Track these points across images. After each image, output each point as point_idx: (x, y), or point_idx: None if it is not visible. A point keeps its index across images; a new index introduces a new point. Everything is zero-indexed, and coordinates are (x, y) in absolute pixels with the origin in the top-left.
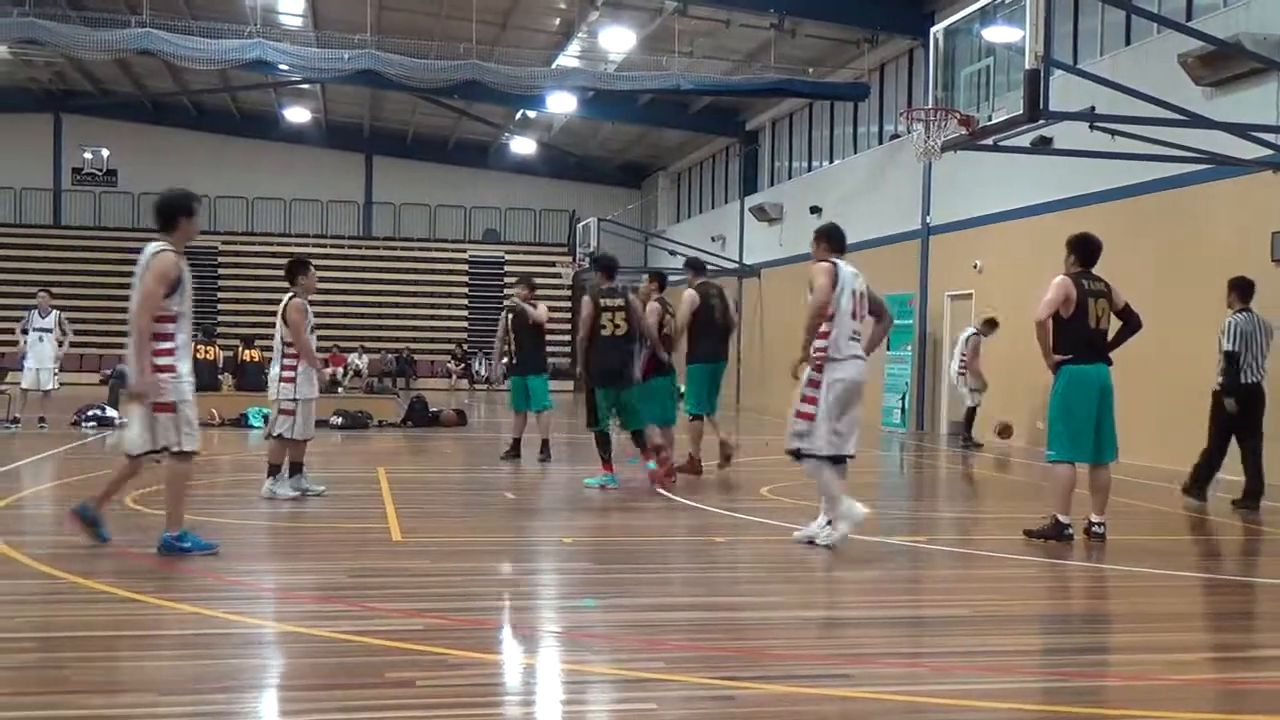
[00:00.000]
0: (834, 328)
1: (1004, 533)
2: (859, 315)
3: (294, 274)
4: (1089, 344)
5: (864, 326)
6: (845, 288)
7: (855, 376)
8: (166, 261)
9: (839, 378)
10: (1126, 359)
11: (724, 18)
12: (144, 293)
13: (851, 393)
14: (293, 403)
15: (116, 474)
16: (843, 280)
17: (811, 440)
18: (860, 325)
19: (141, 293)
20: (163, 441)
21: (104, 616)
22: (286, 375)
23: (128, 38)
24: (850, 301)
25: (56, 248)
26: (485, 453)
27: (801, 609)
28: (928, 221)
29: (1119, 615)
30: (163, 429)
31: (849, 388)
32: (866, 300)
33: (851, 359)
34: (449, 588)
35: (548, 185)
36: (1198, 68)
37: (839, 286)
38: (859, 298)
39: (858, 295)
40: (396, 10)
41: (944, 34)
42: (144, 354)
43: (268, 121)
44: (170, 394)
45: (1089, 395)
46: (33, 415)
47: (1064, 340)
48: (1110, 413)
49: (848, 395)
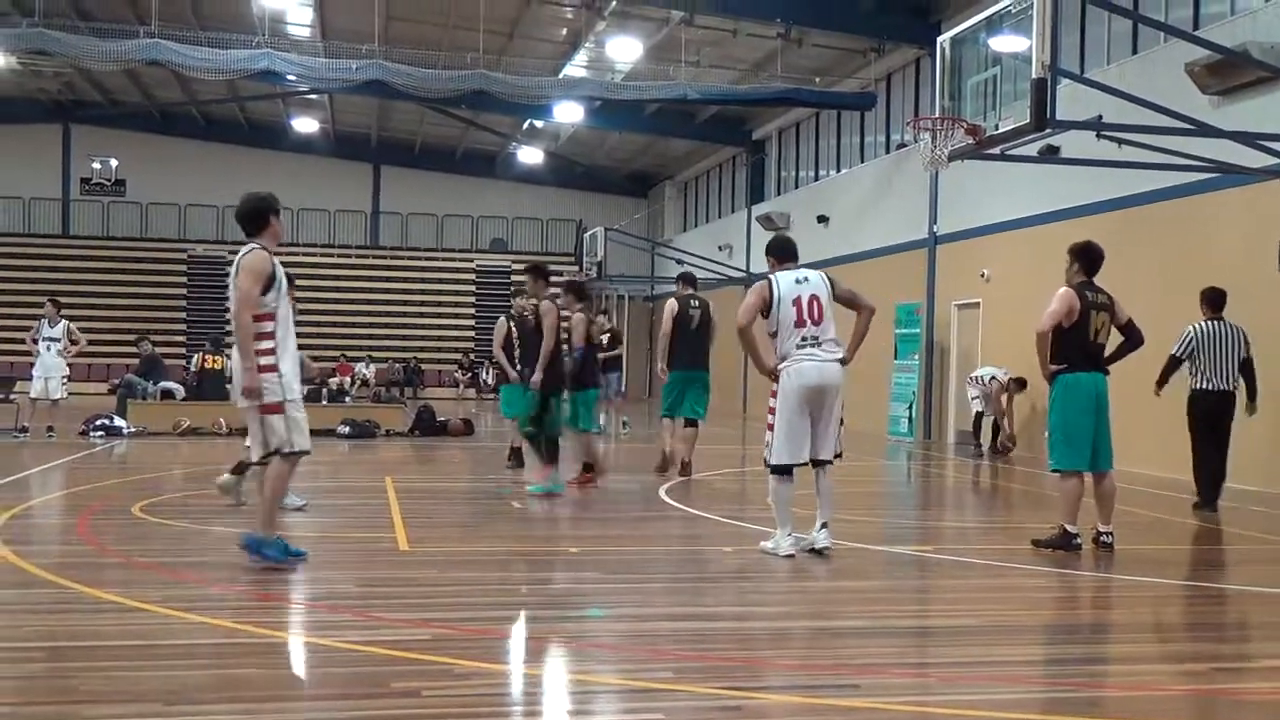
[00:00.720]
0: (779, 339)
1: (1011, 542)
2: (810, 319)
3: None
4: (1087, 355)
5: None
6: (783, 299)
7: (813, 380)
8: (260, 258)
9: (789, 384)
10: (1134, 369)
11: (731, 28)
12: (241, 292)
13: (810, 395)
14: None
15: (268, 492)
16: (779, 293)
17: (770, 450)
18: (817, 328)
19: (239, 293)
20: (275, 443)
21: (111, 626)
22: None
23: (136, 48)
24: (791, 310)
25: (65, 257)
26: (492, 462)
27: (809, 619)
28: (935, 231)
29: (1126, 625)
30: (272, 430)
31: (804, 391)
32: (822, 300)
33: (806, 362)
34: (456, 597)
35: (555, 195)
36: (1205, 76)
37: (774, 299)
38: (807, 301)
39: (805, 300)
40: (404, 20)
41: (950, 43)
42: (248, 353)
43: (275, 131)
44: (278, 393)
45: (1086, 402)
46: (41, 424)
47: (1062, 350)
48: (1106, 421)
49: (805, 398)
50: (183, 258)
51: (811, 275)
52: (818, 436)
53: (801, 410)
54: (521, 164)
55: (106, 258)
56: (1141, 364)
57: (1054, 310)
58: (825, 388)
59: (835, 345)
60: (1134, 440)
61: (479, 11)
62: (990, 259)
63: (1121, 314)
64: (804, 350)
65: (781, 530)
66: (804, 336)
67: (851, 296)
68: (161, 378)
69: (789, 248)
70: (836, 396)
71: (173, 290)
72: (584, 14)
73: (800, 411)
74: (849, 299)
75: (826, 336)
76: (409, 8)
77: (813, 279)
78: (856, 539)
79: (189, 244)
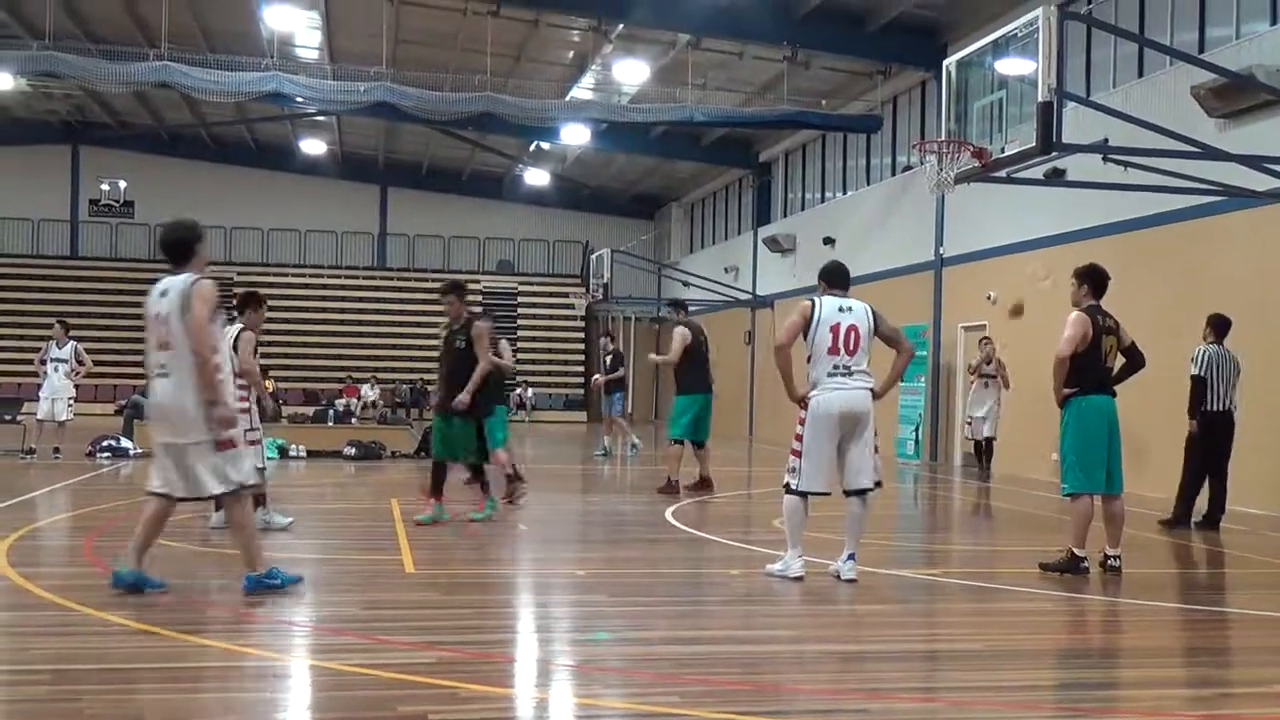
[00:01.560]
0: (811, 364)
1: (1019, 566)
2: (844, 349)
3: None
4: (1098, 378)
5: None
6: (823, 322)
7: (838, 408)
8: (211, 287)
9: (817, 412)
10: (1141, 391)
11: (737, 50)
12: (198, 323)
13: (834, 424)
14: (257, 432)
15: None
16: (820, 315)
17: (796, 476)
18: (850, 358)
19: (197, 322)
20: (237, 478)
21: (118, 649)
22: (243, 406)
23: (146, 70)
24: (828, 336)
25: (73, 279)
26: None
27: (817, 643)
28: (941, 253)
29: (1135, 650)
30: (233, 464)
31: (831, 419)
32: (861, 332)
33: (834, 391)
34: (462, 620)
35: (561, 216)
36: (1210, 100)
37: (814, 321)
38: (845, 330)
39: (842, 328)
40: (412, 43)
41: (956, 66)
42: (214, 385)
43: (283, 153)
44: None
45: (1100, 425)
46: (48, 445)
47: (1074, 374)
48: (1118, 444)
49: (830, 426)
50: None
51: (856, 306)
52: (851, 465)
53: (830, 438)
54: (528, 186)
55: (115, 279)
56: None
57: (1070, 335)
58: (855, 414)
59: (866, 376)
60: (1146, 464)
61: (486, 34)
62: (996, 281)
63: (1126, 336)
64: (834, 379)
65: (792, 551)
66: (836, 365)
67: (895, 336)
68: None
69: (840, 274)
70: (868, 424)
71: None
72: (591, 37)
73: (829, 440)
74: (892, 338)
75: (858, 368)
76: (417, 30)
77: (856, 310)
78: (864, 562)
79: None
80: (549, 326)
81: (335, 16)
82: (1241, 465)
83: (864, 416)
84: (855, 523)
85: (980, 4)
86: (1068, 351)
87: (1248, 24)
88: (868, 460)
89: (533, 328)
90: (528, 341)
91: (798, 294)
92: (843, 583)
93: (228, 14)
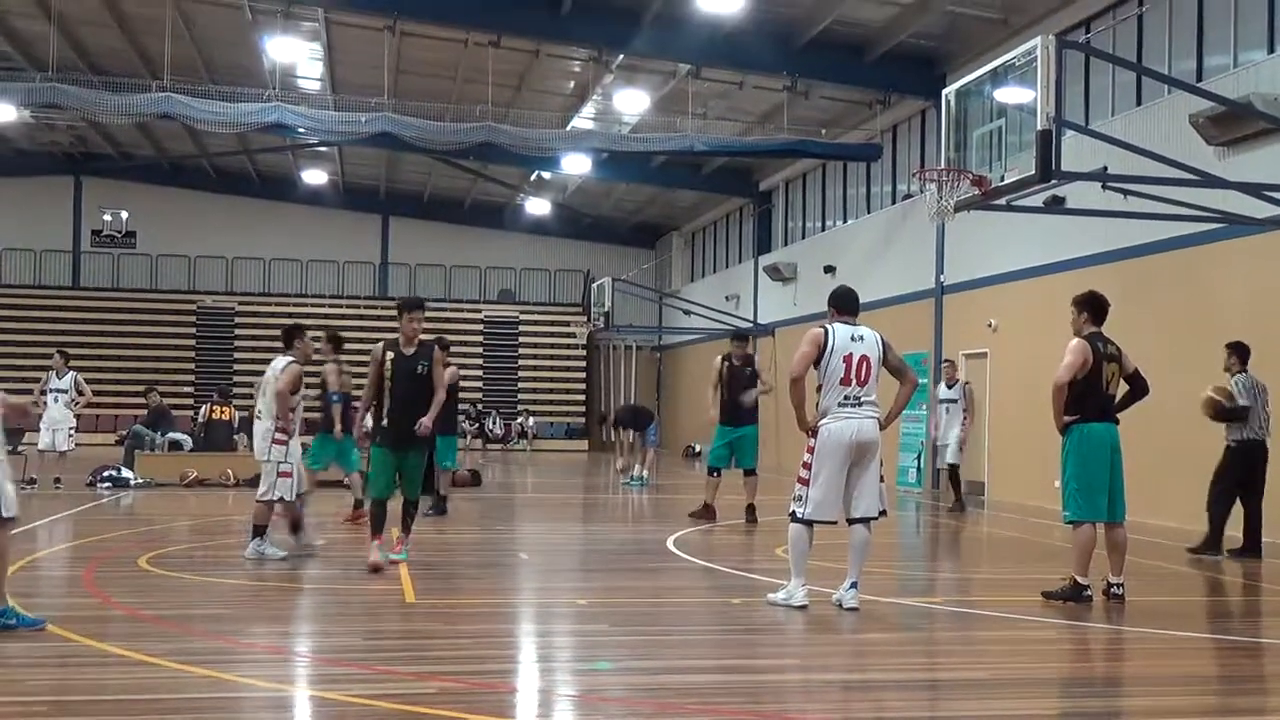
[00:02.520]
0: (822, 393)
1: (1021, 594)
2: (855, 379)
3: (290, 338)
4: (1100, 406)
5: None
6: (836, 352)
7: (848, 439)
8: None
9: (827, 441)
10: (1143, 419)
11: (737, 80)
12: None
13: (844, 454)
14: (290, 465)
15: None
16: (833, 344)
17: (802, 504)
18: (861, 389)
19: None
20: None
21: (117, 680)
22: (279, 438)
23: (148, 102)
24: (841, 366)
25: (75, 309)
26: (499, 514)
27: (820, 672)
28: (941, 281)
29: (1138, 679)
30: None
31: (840, 449)
32: (872, 362)
33: (844, 420)
34: (463, 650)
35: (562, 246)
36: (1209, 128)
37: (827, 350)
38: (857, 361)
39: (855, 358)
40: (413, 74)
41: (955, 95)
42: None
43: (285, 183)
44: None
45: (1101, 453)
46: (49, 476)
47: (1076, 401)
48: (1120, 472)
49: (840, 456)
50: (192, 309)
51: (867, 335)
52: (856, 494)
53: (839, 468)
54: (529, 215)
55: (116, 309)
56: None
57: (1070, 363)
58: (864, 445)
59: (875, 407)
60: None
61: (487, 65)
62: (997, 309)
63: (1129, 364)
64: (844, 409)
65: (796, 580)
66: (847, 395)
67: (901, 367)
68: (169, 429)
69: (851, 300)
70: (874, 454)
71: (182, 342)
72: (591, 67)
73: (838, 469)
74: (898, 369)
75: (868, 399)
76: (418, 61)
77: (868, 339)
78: (867, 591)
79: (198, 295)
80: (551, 355)
81: (337, 48)
82: None
83: (872, 447)
84: (858, 551)
85: (978, 34)
86: (1066, 378)
87: (1245, 53)
88: (873, 489)
89: (534, 357)
90: (529, 370)
91: (799, 322)
92: (845, 611)
93: (230, 46)
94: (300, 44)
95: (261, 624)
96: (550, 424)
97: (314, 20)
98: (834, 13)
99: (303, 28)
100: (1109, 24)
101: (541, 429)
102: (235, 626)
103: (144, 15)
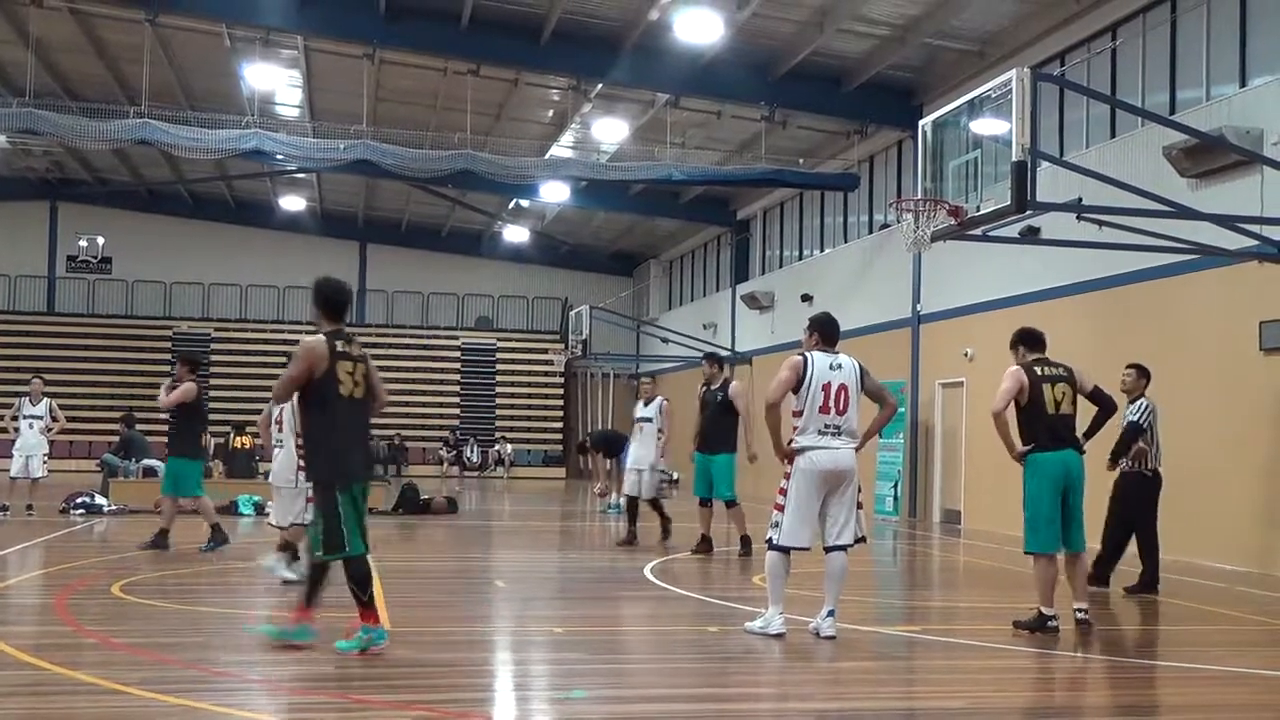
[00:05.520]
0: (800, 421)
1: (995, 623)
2: (835, 408)
3: None
4: (1050, 431)
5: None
6: (815, 380)
7: (825, 466)
8: None
9: (804, 469)
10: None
11: (715, 110)
12: None
13: (821, 482)
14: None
15: None
16: (812, 372)
17: (778, 531)
18: (840, 418)
19: None
20: None
21: (89, 709)
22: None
23: (126, 128)
24: (820, 395)
25: (49, 334)
26: (476, 541)
27: (798, 700)
28: (918, 310)
29: (1105, 708)
30: None
31: (816, 477)
32: (850, 391)
33: (821, 449)
34: (439, 679)
35: (540, 273)
36: (1182, 160)
37: (806, 379)
38: (835, 389)
39: (834, 387)
40: (392, 101)
41: (932, 127)
42: None
43: (263, 210)
44: None
45: (1053, 483)
46: (21, 502)
47: (1025, 429)
48: (1079, 501)
49: (818, 484)
50: (168, 335)
51: (846, 363)
52: (833, 522)
53: (815, 495)
54: (507, 243)
55: (91, 335)
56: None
57: (1005, 389)
58: (840, 473)
59: (853, 437)
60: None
61: (466, 93)
62: (973, 338)
63: (1086, 382)
64: (823, 438)
65: (774, 608)
66: (826, 424)
67: (879, 392)
68: (143, 456)
69: (833, 328)
70: (852, 482)
71: (157, 368)
72: (570, 96)
73: (814, 496)
74: (876, 394)
75: (847, 428)
76: (397, 89)
77: (846, 367)
78: (844, 619)
79: (174, 321)
80: (528, 383)
81: (316, 75)
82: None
83: (849, 475)
84: (835, 579)
85: (955, 66)
86: (1000, 405)
87: (1217, 86)
88: (850, 517)
89: (512, 384)
90: (507, 398)
91: (777, 350)
92: (822, 640)
93: (208, 72)
94: (279, 71)
95: (234, 651)
96: (528, 451)
97: (293, 48)
98: (812, 44)
99: (282, 55)
100: (1084, 57)
101: (519, 456)
102: (208, 654)
103: (122, 42)
